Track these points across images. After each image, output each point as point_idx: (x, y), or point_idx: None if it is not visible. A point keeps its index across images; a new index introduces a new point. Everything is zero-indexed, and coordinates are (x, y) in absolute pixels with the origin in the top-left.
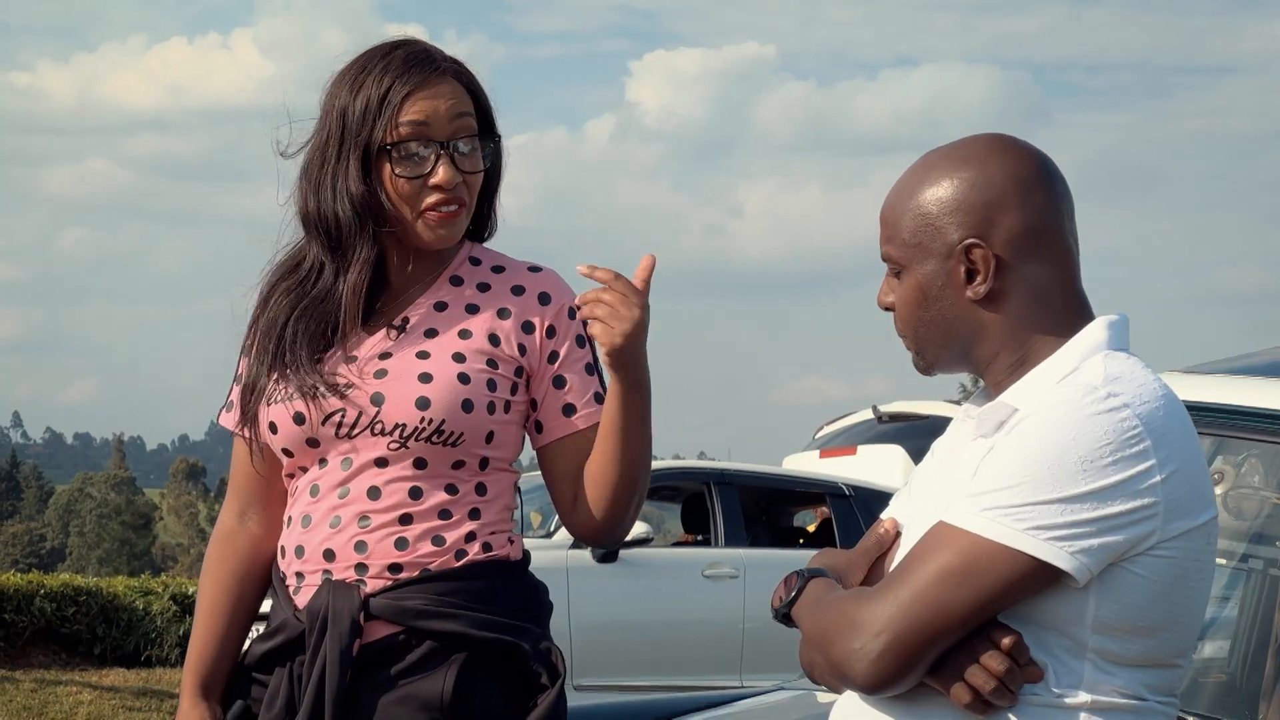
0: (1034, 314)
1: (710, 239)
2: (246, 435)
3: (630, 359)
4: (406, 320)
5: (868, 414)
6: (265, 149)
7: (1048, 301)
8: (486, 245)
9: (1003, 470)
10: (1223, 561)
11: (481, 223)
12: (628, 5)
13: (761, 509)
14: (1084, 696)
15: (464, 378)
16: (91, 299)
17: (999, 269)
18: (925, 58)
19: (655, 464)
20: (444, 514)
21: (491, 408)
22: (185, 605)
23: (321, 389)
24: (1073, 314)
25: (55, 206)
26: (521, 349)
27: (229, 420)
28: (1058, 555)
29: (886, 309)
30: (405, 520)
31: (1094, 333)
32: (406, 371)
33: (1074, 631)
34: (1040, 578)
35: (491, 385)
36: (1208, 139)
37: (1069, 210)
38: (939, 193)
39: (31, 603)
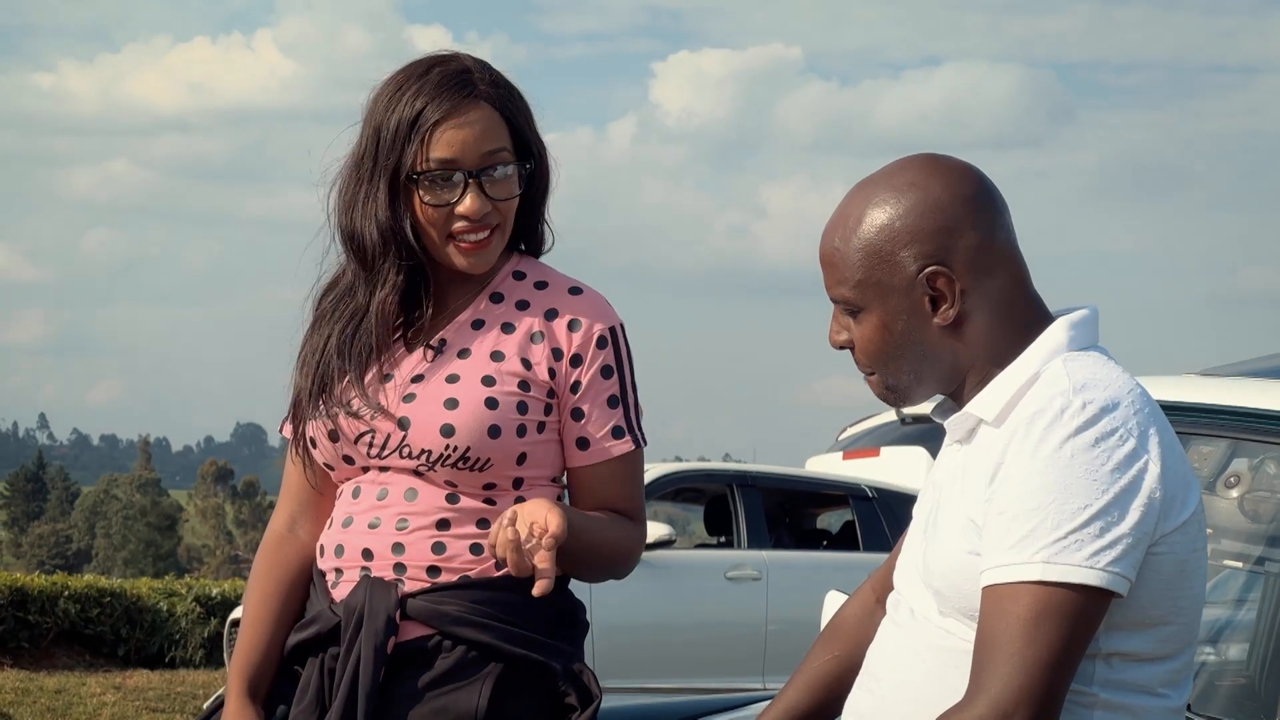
0: (1000, 328)
1: (735, 240)
2: (299, 448)
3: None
4: (444, 341)
5: (891, 416)
6: (287, 150)
7: (1010, 313)
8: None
9: (1019, 510)
10: (1239, 564)
11: (530, 237)
12: (655, 5)
13: (784, 511)
14: (1097, 693)
15: (491, 402)
16: (116, 300)
17: (963, 291)
18: (950, 57)
19: (679, 466)
20: (482, 523)
21: (522, 430)
22: (209, 607)
23: (352, 412)
24: (1032, 319)
25: (79, 208)
26: (551, 373)
27: (288, 430)
28: (1114, 580)
29: (841, 348)
30: (443, 525)
31: (1054, 335)
32: (434, 396)
33: None
34: (1105, 602)
35: (522, 408)
36: (1236, 138)
37: (1009, 217)
38: (887, 225)
39: (56, 604)
